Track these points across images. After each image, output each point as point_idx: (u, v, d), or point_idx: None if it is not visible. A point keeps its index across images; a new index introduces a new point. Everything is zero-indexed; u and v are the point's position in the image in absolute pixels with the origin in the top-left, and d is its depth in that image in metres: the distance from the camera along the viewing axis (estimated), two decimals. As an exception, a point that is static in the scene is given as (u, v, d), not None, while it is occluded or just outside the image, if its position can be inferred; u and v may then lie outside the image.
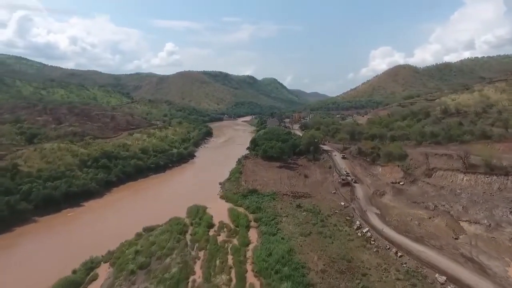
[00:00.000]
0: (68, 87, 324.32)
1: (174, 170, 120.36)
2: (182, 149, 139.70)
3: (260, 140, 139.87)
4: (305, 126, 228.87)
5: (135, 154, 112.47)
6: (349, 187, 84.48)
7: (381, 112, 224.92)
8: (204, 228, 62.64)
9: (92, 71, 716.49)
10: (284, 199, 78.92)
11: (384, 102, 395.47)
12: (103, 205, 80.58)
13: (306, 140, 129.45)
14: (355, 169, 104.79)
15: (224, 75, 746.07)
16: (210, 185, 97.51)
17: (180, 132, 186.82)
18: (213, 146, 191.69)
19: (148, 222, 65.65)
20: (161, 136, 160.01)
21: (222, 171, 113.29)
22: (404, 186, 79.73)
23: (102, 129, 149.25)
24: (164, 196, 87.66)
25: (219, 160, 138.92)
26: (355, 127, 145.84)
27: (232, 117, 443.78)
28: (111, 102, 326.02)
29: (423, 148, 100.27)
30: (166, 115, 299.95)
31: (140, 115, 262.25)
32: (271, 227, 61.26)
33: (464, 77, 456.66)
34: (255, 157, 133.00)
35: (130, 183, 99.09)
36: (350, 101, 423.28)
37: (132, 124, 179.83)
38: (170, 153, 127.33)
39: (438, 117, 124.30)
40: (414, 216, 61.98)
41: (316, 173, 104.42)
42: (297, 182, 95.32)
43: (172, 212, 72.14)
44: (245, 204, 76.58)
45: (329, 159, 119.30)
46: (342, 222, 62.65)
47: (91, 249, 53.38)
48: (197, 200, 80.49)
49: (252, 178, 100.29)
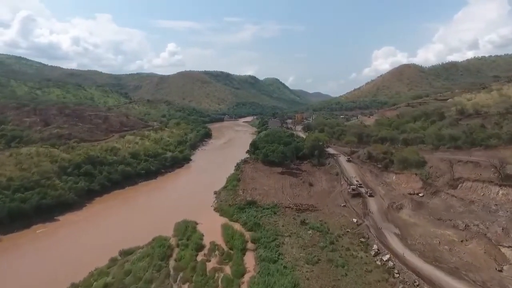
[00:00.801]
0: (64, 87, 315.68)
1: (167, 176, 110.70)
2: (177, 153, 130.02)
3: (260, 143, 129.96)
4: (308, 128, 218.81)
5: (124, 159, 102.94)
6: (360, 199, 74.42)
7: (388, 112, 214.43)
8: (192, 251, 52.93)
9: (92, 71, 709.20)
10: (286, 212, 69.04)
11: (389, 102, 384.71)
12: (81, 219, 71.00)
13: (310, 143, 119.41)
14: (365, 176, 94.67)
15: (226, 75, 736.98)
16: (204, 194, 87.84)
17: (177, 134, 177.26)
18: (212, 148, 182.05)
19: (128, 241, 56.08)
20: (156, 139, 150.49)
21: (218, 177, 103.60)
22: (424, 198, 69.61)
23: (92, 131, 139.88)
24: (151, 208, 77.96)
25: (217, 164, 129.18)
26: (363, 129, 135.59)
27: (233, 118, 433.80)
28: (109, 102, 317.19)
29: (441, 153, 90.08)
30: (164, 115, 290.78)
31: (137, 116, 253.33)
32: (271, 251, 51.42)
33: (472, 77, 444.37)
34: (255, 161, 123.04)
35: (116, 192, 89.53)
36: (354, 101, 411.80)
37: (126, 125, 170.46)
38: (163, 157, 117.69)
39: (455, 119, 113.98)
40: (442, 238, 51.90)
41: (322, 181, 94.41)
42: (301, 191, 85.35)
43: (157, 228, 62.58)
44: (242, 219, 66.76)
45: (335, 164, 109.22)
46: (355, 244, 52.66)
47: (52, 280, 43.78)
48: (188, 213, 70.86)
49: (251, 186, 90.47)
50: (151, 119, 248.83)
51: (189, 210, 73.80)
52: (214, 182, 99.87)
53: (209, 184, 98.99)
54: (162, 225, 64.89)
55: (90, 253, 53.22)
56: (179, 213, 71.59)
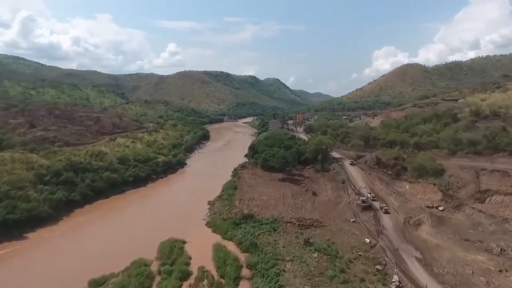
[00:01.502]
0: (59, 87, 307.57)
1: (158, 182, 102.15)
2: (171, 157, 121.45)
3: (260, 146, 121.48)
4: (309, 129, 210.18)
5: (111, 165, 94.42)
6: (371, 212, 65.84)
7: (393, 113, 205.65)
8: (176, 280, 44.47)
9: (91, 71, 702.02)
10: (287, 229, 60.48)
11: (392, 102, 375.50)
12: (55, 235, 62.53)
13: (313, 147, 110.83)
14: (374, 184, 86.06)
15: (226, 75, 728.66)
16: (197, 204, 79.34)
17: (172, 136, 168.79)
18: (209, 151, 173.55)
19: (103, 266, 47.63)
20: (149, 141, 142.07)
21: (214, 184, 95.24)
22: (445, 212, 61.01)
23: (81, 134, 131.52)
24: (136, 221, 69.43)
25: (213, 169, 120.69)
26: (369, 131, 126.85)
27: (233, 118, 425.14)
28: (105, 102, 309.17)
29: (458, 159, 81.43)
30: (162, 116, 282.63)
31: (133, 117, 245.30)
32: (270, 281, 42.92)
33: (476, 76, 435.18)
34: (253, 166, 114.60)
35: (99, 202, 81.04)
36: (356, 102, 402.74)
37: (118, 127, 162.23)
38: (154, 162, 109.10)
39: (470, 121, 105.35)
40: (475, 265, 43.32)
41: (327, 189, 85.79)
42: (304, 202, 76.73)
43: (138, 248, 54.35)
44: (237, 237, 58.23)
45: (341, 170, 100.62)
46: (371, 274, 44.03)
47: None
48: (176, 228, 62.50)
49: (249, 195, 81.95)
50: (147, 120, 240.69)
51: (178, 225, 65.42)
52: (208, 189, 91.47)
53: (203, 192, 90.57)
54: (145, 243, 56.56)
55: (53, 284, 44.80)
56: (166, 228, 63.23)
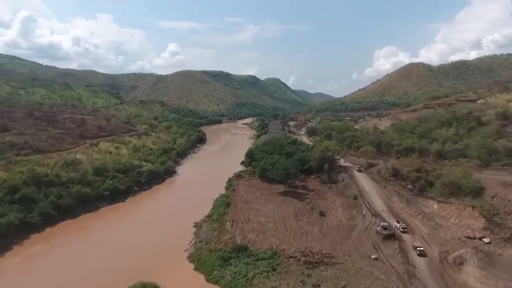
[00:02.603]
0: (50, 87, 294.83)
1: (140, 196, 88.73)
2: (158, 165, 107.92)
3: (258, 153, 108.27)
4: (312, 132, 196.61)
5: (84, 177, 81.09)
6: (395, 242, 52.39)
7: (403, 115, 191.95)
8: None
9: (88, 70, 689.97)
10: (290, 268, 47.06)
11: (397, 103, 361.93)
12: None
13: (318, 154, 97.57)
14: (392, 201, 72.63)
15: (225, 75, 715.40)
16: (180, 226, 66.02)
17: (164, 140, 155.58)
18: (204, 155, 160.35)
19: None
20: (136, 146, 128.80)
21: (205, 197, 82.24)
22: (493, 246, 47.49)
23: (59, 138, 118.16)
24: (101, 251, 56.01)
25: (205, 178, 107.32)
26: (381, 136, 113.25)
27: (232, 119, 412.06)
28: (98, 103, 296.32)
29: (495, 172, 67.79)
30: (157, 117, 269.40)
31: (125, 118, 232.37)
32: None
33: (483, 76, 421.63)
34: (251, 175, 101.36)
35: (65, 223, 67.71)
36: (359, 102, 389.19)
37: (105, 130, 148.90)
38: (137, 171, 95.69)
39: (499, 124, 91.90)
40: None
41: (336, 207, 72.30)
42: (310, 225, 63.28)
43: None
44: (225, 280, 44.90)
45: (350, 181, 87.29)
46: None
47: None
48: (150, 263, 49.43)
49: (244, 215, 68.61)
50: (140, 121, 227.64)
51: (153, 257, 52.20)
52: (197, 205, 78.47)
53: (190, 208, 77.45)
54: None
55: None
56: (138, 262, 50.08)
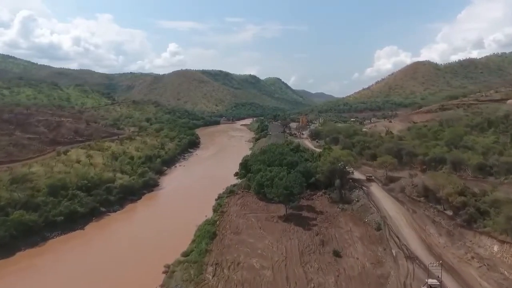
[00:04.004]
0: (37, 87, 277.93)
1: (106, 220, 71.29)
2: (135, 178, 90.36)
3: (254, 163, 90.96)
4: (316, 135, 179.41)
5: (32, 198, 63.98)
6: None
7: (416, 116, 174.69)
8: None
9: (84, 70, 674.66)
10: None
11: (404, 103, 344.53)
12: None
13: (327, 166, 79.87)
14: (428, 233, 55.25)
15: (225, 74, 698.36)
16: (145, 271, 48.87)
17: (150, 145, 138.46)
18: (195, 162, 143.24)
19: None
20: (115, 153, 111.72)
21: (185, 222, 65.36)
22: None
23: (22, 145, 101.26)
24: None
25: (192, 194, 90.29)
26: (400, 143, 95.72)
27: (231, 120, 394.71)
28: (87, 103, 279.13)
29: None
30: (149, 119, 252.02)
31: (115, 120, 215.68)
32: None
33: (493, 74, 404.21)
34: (245, 191, 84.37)
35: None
36: (364, 102, 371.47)
37: (82, 134, 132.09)
38: (106, 187, 78.36)
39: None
40: None
41: (355, 242, 55.01)
42: (321, 273, 46.00)
43: None
44: None
45: (368, 201, 70.01)
46: None
47: None
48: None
49: (232, 255, 51.50)
50: (130, 123, 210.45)
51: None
52: (174, 234, 61.74)
53: (165, 239, 60.51)
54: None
55: None
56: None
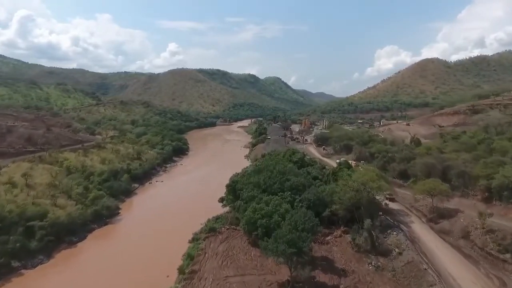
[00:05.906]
0: (13, 86, 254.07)
1: (19, 280, 46.83)
2: (83, 207, 65.73)
3: (245, 187, 65.78)
4: (322, 140, 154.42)
5: None
6: None
7: (438, 118, 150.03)
8: None
9: (76, 69, 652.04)
10: None
11: (413, 103, 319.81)
12: None
13: (350, 194, 54.56)
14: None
15: (223, 73, 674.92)
16: None
17: (123, 154, 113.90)
18: (178, 174, 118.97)
19: None
20: (71, 167, 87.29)
21: (148, 273, 40.89)
22: None
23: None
24: None
25: (160, 228, 65.70)
26: (444, 158, 70.39)
27: (228, 122, 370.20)
28: (68, 103, 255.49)
29: None
30: (135, 121, 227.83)
31: (94, 123, 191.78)
32: None
33: (507, 72, 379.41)
34: (231, 229, 59.66)
35: None
36: (370, 102, 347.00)
37: (36, 142, 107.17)
38: (28, 226, 53.58)
39: None
40: None
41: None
42: None
43: None
44: None
45: (414, 253, 45.41)
46: None
47: None
48: None
49: None
50: (110, 127, 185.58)
51: None
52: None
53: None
54: None
55: None
56: None
